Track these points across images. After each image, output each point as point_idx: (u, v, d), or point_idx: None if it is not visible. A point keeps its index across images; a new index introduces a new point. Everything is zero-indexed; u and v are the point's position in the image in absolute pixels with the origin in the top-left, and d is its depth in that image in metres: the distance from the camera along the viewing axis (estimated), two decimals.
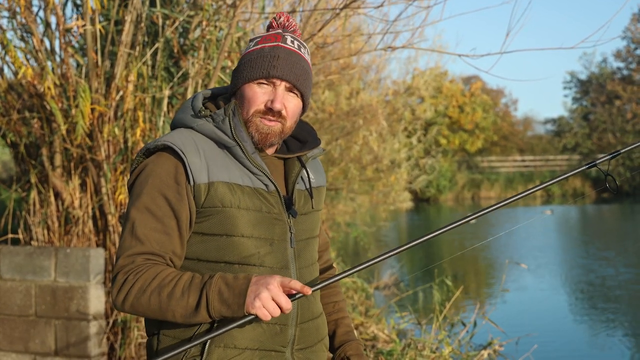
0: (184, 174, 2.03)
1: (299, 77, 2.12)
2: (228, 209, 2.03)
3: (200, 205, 2.04)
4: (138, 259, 1.97)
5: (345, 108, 13.77)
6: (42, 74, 5.46)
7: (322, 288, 2.03)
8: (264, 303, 1.87)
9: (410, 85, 20.42)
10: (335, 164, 14.31)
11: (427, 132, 26.11)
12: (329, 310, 2.40)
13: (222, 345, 2.03)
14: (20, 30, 5.76)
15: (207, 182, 2.03)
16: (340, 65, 12.46)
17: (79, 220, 5.72)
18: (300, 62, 2.13)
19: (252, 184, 2.08)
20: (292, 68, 2.11)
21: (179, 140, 2.06)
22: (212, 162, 2.05)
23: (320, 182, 2.34)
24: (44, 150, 5.81)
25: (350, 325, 2.40)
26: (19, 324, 5.43)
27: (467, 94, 42.69)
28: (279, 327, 2.08)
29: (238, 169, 2.08)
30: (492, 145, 45.57)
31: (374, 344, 6.59)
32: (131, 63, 5.57)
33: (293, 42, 2.16)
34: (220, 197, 2.03)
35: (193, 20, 5.91)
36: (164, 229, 2.00)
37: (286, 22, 2.20)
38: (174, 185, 2.02)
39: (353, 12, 6.64)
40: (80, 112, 5.25)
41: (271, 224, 2.09)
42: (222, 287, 1.91)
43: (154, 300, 1.93)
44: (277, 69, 2.09)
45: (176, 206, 2.01)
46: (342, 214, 16.04)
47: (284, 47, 2.13)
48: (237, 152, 2.08)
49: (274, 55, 2.10)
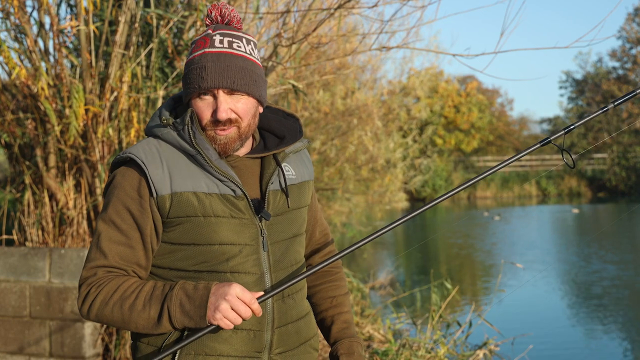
0: (146, 187, 2.03)
1: (234, 79, 2.03)
2: (194, 218, 2.03)
3: (165, 216, 2.04)
4: (100, 272, 2.00)
5: (341, 108, 13.76)
6: (36, 74, 5.45)
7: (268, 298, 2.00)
8: (224, 314, 1.90)
9: (406, 85, 20.43)
10: (330, 164, 14.30)
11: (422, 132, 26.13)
12: (326, 306, 2.35)
13: (192, 353, 2.04)
14: (14, 31, 5.74)
15: (170, 193, 2.02)
16: (335, 65, 12.45)
17: (73, 221, 5.71)
18: (232, 61, 2.04)
19: (219, 190, 2.05)
20: (223, 73, 2.02)
21: (142, 153, 2.05)
22: (176, 172, 2.04)
23: (304, 177, 2.27)
24: (38, 151, 5.79)
25: (348, 322, 2.33)
26: (14, 325, 5.41)
27: (463, 93, 42.72)
28: (252, 333, 2.07)
29: (204, 176, 2.06)
30: (488, 145, 45.62)
31: (369, 344, 6.59)
32: (125, 63, 5.56)
33: (222, 41, 2.05)
34: (184, 208, 2.02)
35: (187, 20, 5.90)
36: (128, 241, 2.02)
37: (219, 16, 2.10)
38: (137, 199, 2.03)
39: (347, 12, 6.63)
40: (74, 113, 5.23)
41: (240, 229, 2.06)
42: (183, 299, 1.93)
43: (117, 312, 1.96)
44: (206, 80, 2.02)
45: (139, 220, 2.03)
46: (338, 214, 16.03)
47: (211, 52, 2.04)
48: (200, 160, 2.05)
49: (201, 65, 2.03)
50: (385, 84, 18.53)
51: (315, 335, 2.27)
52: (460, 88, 43.69)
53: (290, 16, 6.51)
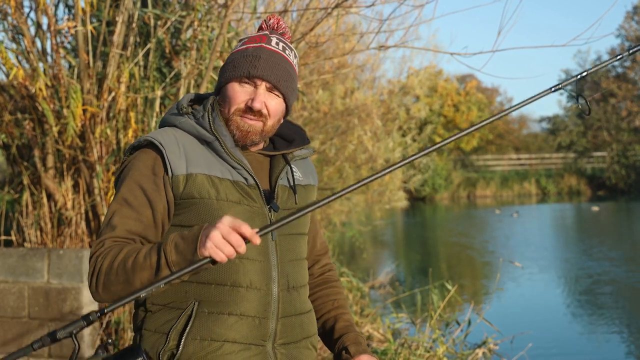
0: (162, 165, 2.07)
1: (279, 78, 2.14)
2: (207, 199, 2.06)
3: (178, 196, 2.07)
4: (107, 242, 2.01)
5: (340, 107, 13.76)
6: (34, 75, 5.45)
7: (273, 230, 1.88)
8: (214, 242, 1.80)
9: (405, 85, 20.41)
10: (330, 164, 14.30)
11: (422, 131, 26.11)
12: (328, 308, 2.38)
13: (198, 339, 2.04)
14: (12, 32, 5.75)
15: (185, 174, 2.07)
16: (334, 65, 12.45)
17: (71, 222, 5.71)
18: (282, 63, 2.16)
19: (232, 177, 2.11)
20: (273, 69, 2.13)
21: (159, 136, 2.11)
22: (191, 156, 2.10)
23: (310, 181, 2.34)
24: (36, 151, 5.79)
25: (351, 321, 2.38)
26: (13, 325, 5.42)
27: (462, 92, 42.72)
28: (257, 320, 2.07)
29: (218, 162, 2.12)
30: (488, 143, 45.62)
31: (368, 343, 6.59)
32: (123, 64, 5.56)
33: (278, 44, 2.18)
34: (198, 189, 2.06)
35: (185, 20, 5.90)
36: (139, 217, 2.04)
37: (276, 25, 2.22)
38: (151, 176, 2.07)
39: (345, 11, 6.63)
40: (72, 113, 5.24)
41: (250, 216, 2.09)
42: (178, 240, 1.89)
43: (121, 272, 1.93)
44: (257, 69, 2.12)
45: (152, 196, 2.05)
46: (338, 213, 16.02)
47: (267, 48, 2.16)
48: (217, 147, 2.11)
49: (256, 55, 2.14)
50: (385, 83, 18.54)
51: (315, 334, 2.29)
52: (459, 87, 43.69)
53: (288, 15, 6.51)
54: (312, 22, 6.62)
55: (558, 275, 13.85)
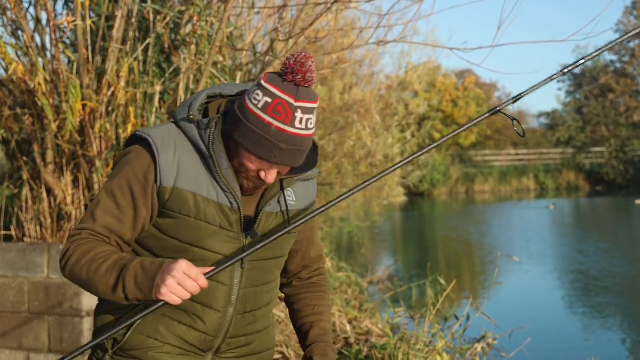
0: (154, 172, 2.09)
1: (297, 161, 2.08)
2: (186, 217, 2.10)
3: (163, 205, 2.10)
4: (84, 233, 2.09)
5: (339, 103, 13.76)
6: (33, 70, 5.45)
7: (216, 274, 2.03)
8: (170, 289, 1.93)
9: (404, 80, 20.41)
10: (328, 159, 14.31)
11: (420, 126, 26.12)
12: (307, 312, 2.38)
13: (144, 335, 2.14)
14: (11, 27, 5.74)
15: (172, 187, 2.08)
16: (333, 60, 12.45)
17: (71, 217, 5.71)
18: (303, 145, 2.05)
19: (218, 198, 2.11)
20: (292, 156, 2.05)
21: (160, 139, 2.11)
22: (184, 168, 2.10)
23: (305, 204, 2.30)
24: (36, 146, 5.79)
25: (326, 329, 2.35)
26: (13, 320, 5.42)
27: (461, 88, 42.73)
28: (205, 337, 2.17)
29: (209, 180, 2.11)
30: (486, 139, 45.65)
31: (367, 338, 6.61)
32: (122, 59, 5.55)
33: (302, 120, 2.02)
34: (181, 205, 2.09)
35: (184, 15, 5.89)
36: (120, 216, 2.10)
37: (302, 80, 2.01)
38: (142, 181, 2.10)
39: (345, 6, 6.63)
40: (71, 108, 5.24)
41: (224, 240, 2.12)
42: (139, 271, 1.98)
43: (84, 272, 2.04)
44: (276, 158, 2.03)
45: (138, 201, 2.10)
46: (336, 209, 16.02)
47: (289, 133, 2.01)
48: (211, 165, 2.10)
49: (276, 145, 2.01)
50: (383, 79, 18.53)
51: (269, 350, 2.33)
52: (458, 82, 43.68)
53: (287, 10, 6.51)
54: (312, 17, 6.62)
55: (557, 269, 13.88)
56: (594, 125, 43.82)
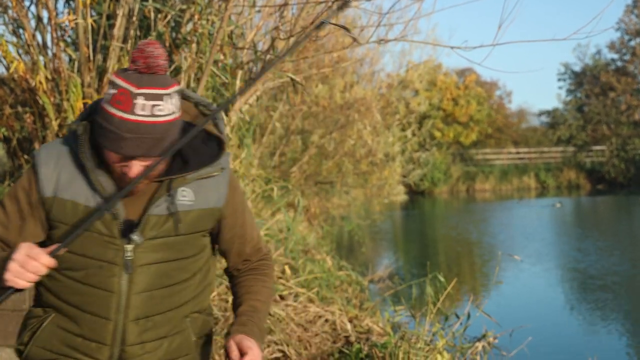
0: (35, 184, 2.14)
1: (151, 150, 2.01)
2: (64, 225, 2.12)
3: (48, 215, 2.15)
4: None
5: (339, 101, 13.77)
6: (34, 68, 5.45)
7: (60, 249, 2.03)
8: (13, 273, 1.97)
9: (404, 78, 20.42)
10: (329, 158, 14.31)
11: (421, 125, 26.12)
12: (241, 293, 2.32)
13: (41, 347, 2.22)
14: (12, 25, 5.75)
15: (52, 196, 2.12)
16: (334, 59, 12.45)
17: None
18: (151, 132, 2.00)
19: (95, 204, 2.10)
20: (140, 145, 1.99)
21: (44, 151, 2.16)
22: (65, 178, 2.12)
23: (208, 204, 2.20)
24: (37, 145, 5.80)
25: (256, 306, 2.28)
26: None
27: (462, 86, 42.68)
28: (99, 346, 2.14)
29: (86, 186, 2.11)
30: (487, 137, 45.58)
31: (368, 336, 6.61)
32: (123, 57, 5.56)
33: (144, 106, 1.99)
34: (61, 214, 2.12)
35: (185, 14, 5.89)
36: (6, 223, 2.16)
37: (143, 65, 2.03)
38: (28, 191, 2.15)
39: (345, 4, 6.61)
40: (72, 107, 5.24)
41: (103, 246, 2.11)
42: (0, 264, 2.03)
43: None
44: (123, 149, 2.00)
45: (24, 211, 2.15)
46: (337, 207, 16.05)
47: (130, 120, 1.98)
48: (86, 170, 2.10)
49: (119, 136, 1.99)
50: (384, 77, 18.53)
51: (187, 355, 2.25)
52: (458, 81, 43.64)
53: (288, 9, 6.50)
54: (312, 15, 6.62)
55: (558, 268, 13.87)
56: (595, 123, 43.77)
